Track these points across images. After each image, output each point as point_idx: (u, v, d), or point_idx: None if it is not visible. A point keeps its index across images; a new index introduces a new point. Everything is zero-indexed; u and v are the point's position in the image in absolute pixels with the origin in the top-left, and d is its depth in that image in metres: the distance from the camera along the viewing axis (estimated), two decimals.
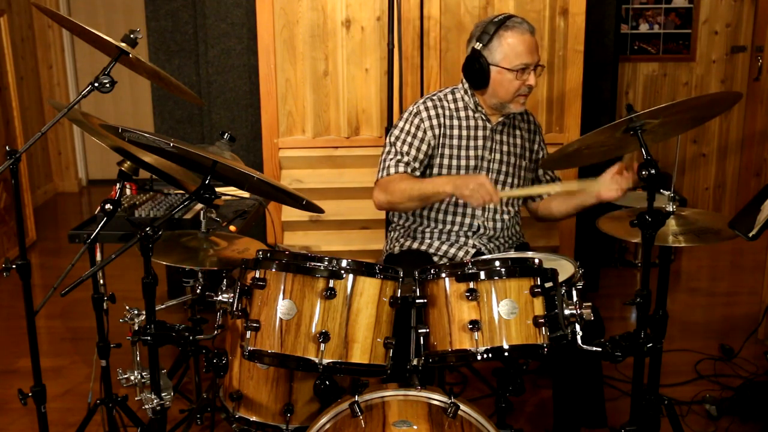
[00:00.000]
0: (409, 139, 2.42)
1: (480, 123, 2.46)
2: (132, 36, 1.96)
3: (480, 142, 2.46)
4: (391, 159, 2.42)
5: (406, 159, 2.41)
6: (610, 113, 3.81)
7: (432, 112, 2.44)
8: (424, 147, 2.42)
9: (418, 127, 2.43)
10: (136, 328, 2.03)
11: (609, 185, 2.24)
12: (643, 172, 1.77)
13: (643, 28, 4.94)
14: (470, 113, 2.46)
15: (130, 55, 1.95)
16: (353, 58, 3.36)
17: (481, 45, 2.34)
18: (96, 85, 1.91)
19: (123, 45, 1.94)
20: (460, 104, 2.47)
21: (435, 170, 2.44)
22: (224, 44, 3.52)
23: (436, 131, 2.43)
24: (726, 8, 4.91)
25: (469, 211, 2.46)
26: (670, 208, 2.11)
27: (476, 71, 2.36)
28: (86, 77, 6.12)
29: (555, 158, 2.11)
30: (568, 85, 3.39)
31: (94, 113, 2.33)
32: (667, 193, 2.13)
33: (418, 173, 2.42)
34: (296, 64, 3.36)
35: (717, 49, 4.96)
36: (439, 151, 2.43)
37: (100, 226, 1.96)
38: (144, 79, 2.30)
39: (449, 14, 3.30)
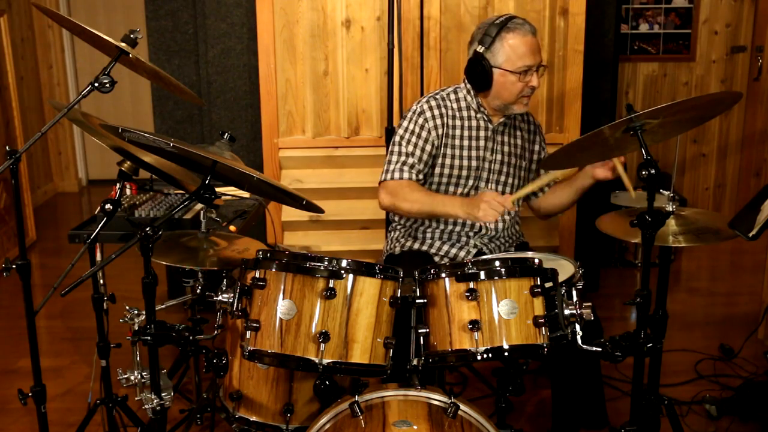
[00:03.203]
0: (413, 139, 2.42)
1: (482, 123, 2.46)
2: (132, 36, 1.96)
3: (482, 143, 2.46)
4: (396, 162, 2.41)
5: (411, 161, 2.40)
6: (610, 113, 3.81)
7: (436, 112, 2.43)
8: (428, 147, 2.42)
9: (422, 127, 2.42)
10: (136, 328, 2.04)
11: (602, 167, 2.29)
12: (643, 172, 1.77)
13: (643, 28, 4.94)
14: (472, 113, 2.46)
15: (130, 55, 1.95)
16: (353, 58, 3.36)
17: (483, 48, 2.33)
18: (96, 85, 1.91)
19: (123, 45, 1.94)
20: (463, 104, 2.46)
21: (437, 170, 2.44)
22: (224, 44, 3.52)
23: (440, 131, 2.42)
24: (726, 8, 4.91)
25: None
26: (670, 208, 2.11)
27: (479, 74, 2.36)
28: (86, 77, 6.12)
29: (555, 158, 2.10)
30: (568, 85, 3.39)
31: (94, 113, 2.33)
32: (666, 192, 2.13)
33: (422, 176, 2.42)
34: (296, 64, 3.36)
35: (717, 49, 4.96)
36: (442, 151, 2.43)
37: (100, 226, 1.96)
38: (144, 79, 2.30)
39: (449, 14, 3.30)
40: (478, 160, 2.45)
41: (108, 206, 1.95)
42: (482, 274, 1.73)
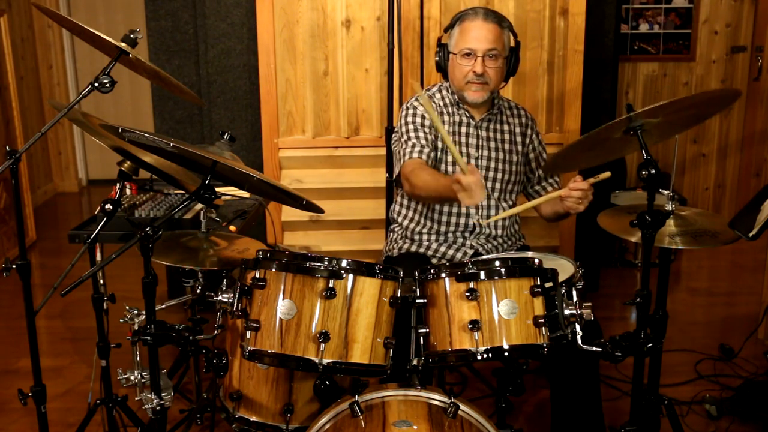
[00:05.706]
0: (412, 128, 2.44)
1: (464, 119, 2.47)
2: (132, 36, 1.96)
3: (464, 139, 2.46)
4: (404, 148, 2.42)
5: (419, 145, 2.40)
6: (610, 113, 3.81)
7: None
8: (430, 135, 2.43)
9: (421, 117, 2.45)
10: (136, 328, 2.04)
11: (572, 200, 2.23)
12: (643, 172, 1.77)
13: (643, 28, 4.94)
14: (454, 110, 2.48)
15: (130, 55, 1.95)
16: (353, 58, 3.36)
17: (445, 36, 2.42)
18: (96, 85, 1.91)
19: (123, 45, 1.94)
20: (447, 101, 2.50)
21: None
22: (224, 44, 3.52)
23: (428, 122, 2.45)
24: (726, 8, 4.91)
25: (463, 210, 2.46)
26: (669, 207, 2.10)
27: (438, 62, 2.46)
28: (86, 77, 6.13)
29: (555, 160, 2.10)
30: (568, 85, 3.39)
31: (94, 113, 2.33)
32: (666, 192, 2.13)
33: (433, 154, 2.41)
34: (296, 64, 3.36)
35: (717, 49, 4.96)
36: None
37: (100, 226, 1.96)
38: (144, 79, 2.30)
39: (449, 14, 3.28)
40: (462, 156, 2.45)
41: (108, 206, 1.95)
42: (482, 274, 1.73)
